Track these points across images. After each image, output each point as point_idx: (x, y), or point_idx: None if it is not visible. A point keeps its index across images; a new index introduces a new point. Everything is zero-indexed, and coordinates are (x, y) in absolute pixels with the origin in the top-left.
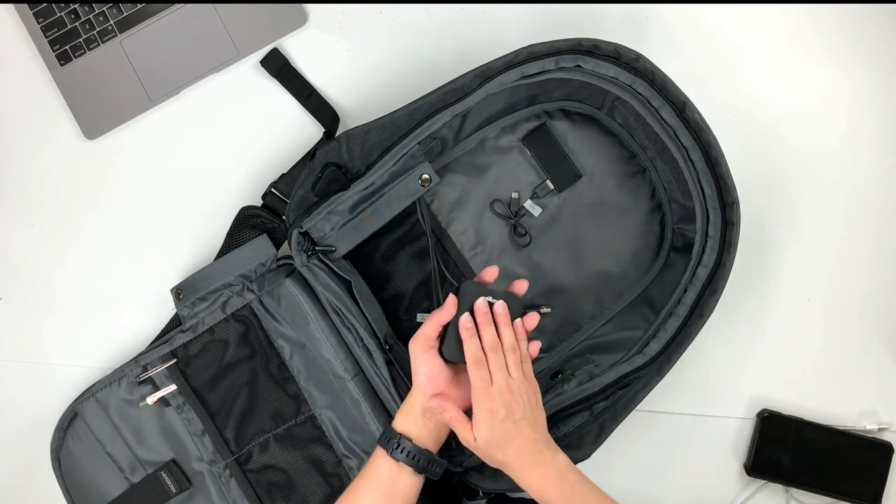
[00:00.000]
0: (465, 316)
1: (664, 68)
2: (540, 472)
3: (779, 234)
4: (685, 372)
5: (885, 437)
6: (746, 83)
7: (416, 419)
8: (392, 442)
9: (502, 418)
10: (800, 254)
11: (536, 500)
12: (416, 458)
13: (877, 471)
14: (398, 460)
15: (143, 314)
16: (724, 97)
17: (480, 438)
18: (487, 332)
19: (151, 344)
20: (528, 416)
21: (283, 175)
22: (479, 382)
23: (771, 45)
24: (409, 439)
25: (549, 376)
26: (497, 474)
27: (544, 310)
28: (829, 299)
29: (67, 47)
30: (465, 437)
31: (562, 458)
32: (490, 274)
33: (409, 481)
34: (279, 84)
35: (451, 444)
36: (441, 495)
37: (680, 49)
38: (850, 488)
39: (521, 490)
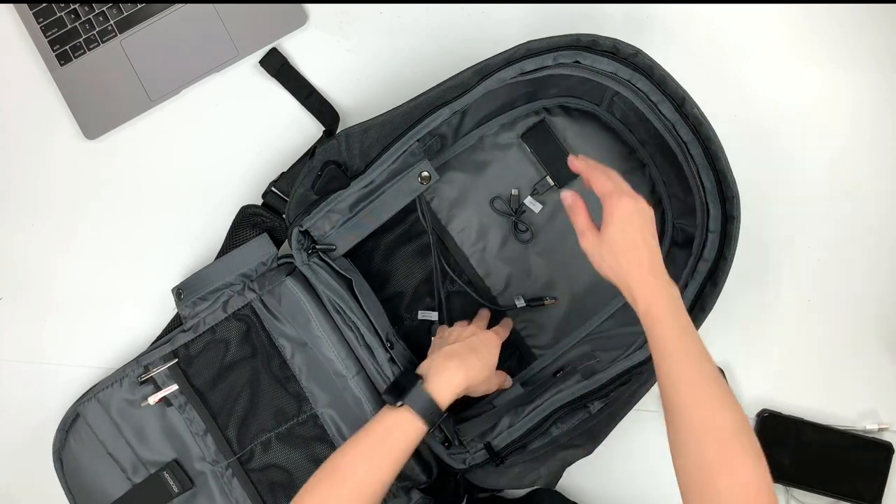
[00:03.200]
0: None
1: (665, 68)
2: (656, 287)
3: (779, 233)
4: None
5: (885, 437)
6: (746, 83)
7: (451, 395)
8: (433, 412)
9: (634, 224)
10: (800, 253)
11: (640, 315)
12: (439, 423)
13: (877, 471)
14: (427, 423)
15: (144, 314)
16: (724, 97)
17: (606, 239)
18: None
19: (153, 344)
20: (652, 234)
21: (283, 174)
22: (607, 187)
23: (771, 45)
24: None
25: (550, 373)
26: (500, 472)
27: (548, 301)
28: (829, 299)
29: (67, 47)
30: (589, 236)
31: (677, 290)
32: None
33: (421, 437)
34: (279, 84)
35: (454, 441)
36: (443, 492)
37: (680, 49)
38: (850, 488)
39: (521, 487)
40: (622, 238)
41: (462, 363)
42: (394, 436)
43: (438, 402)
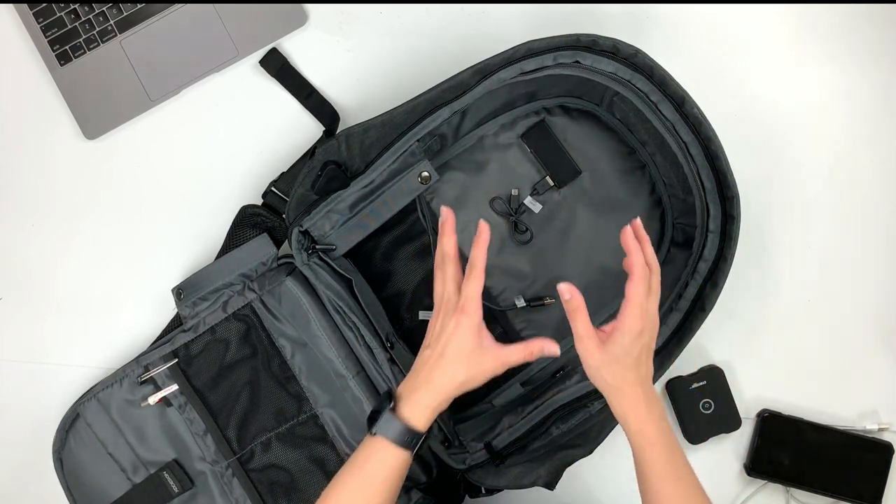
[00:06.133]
0: (628, 229)
1: (665, 68)
2: (647, 407)
3: (779, 234)
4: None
5: (885, 437)
6: (747, 83)
7: (435, 412)
8: (410, 439)
9: (643, 343)
10: (800, 254)
11: (630, 432)
12: (421, 447)
13: (877, 471)
14: (409, 450)
15: (144, 314)
16: (724, 97)
17: (611, 352)
18: (649, 249)
19: (153, 344)
20: (653, 349)
21: (283, 174)
22: (638, 298)
23: (771, 45)
24: (420, 431)
25: (550, 373)
26: (500, 472)
27: (549, 301)
28: (830, 299)
29: (67, 47)
30: (589, 344)
31: (661, 405)
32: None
33: (406, 462)
34: (279, 84)
35: (454, 442)
36: (444, 492)
37: (680, 49)
38: (850, 488)
39: (521, 487)
40: (626, 355)
41: (429, 378)
42: (370, 466)
43: (413, 424)
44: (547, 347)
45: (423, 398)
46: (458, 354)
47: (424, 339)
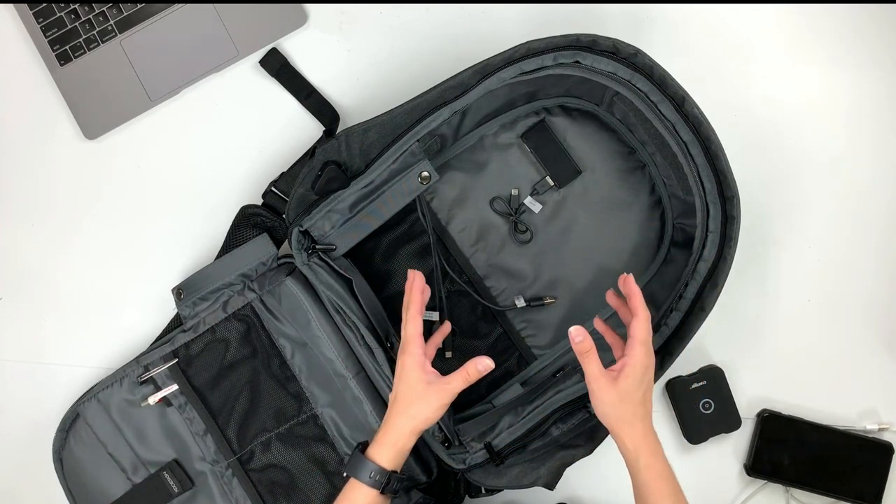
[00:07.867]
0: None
1: (665, 68)
2: (655, 441)
3: (779, 233)
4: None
5: (885, 437)
6: (748, 83)
7: (399, 452)
8: (377, 477)
9: (648, 379)
10: (800, 253)
11: (638, 466)
12: (396, 487)
13: (877, 471)
14: (384, 493)
15: (144, 314)
16: (725, 97)
17: (623, 388)
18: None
19: (153, 344)
20: (653, 388)
21: (283, 174)
22: (643, 335)
23: (771, 45)
24: (395, 471)
25: (550, 373)
26: (500, 472)
27: (548, 301)
28: (829, 299)
29: (67, 47)
30: (602, 382)
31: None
32: None
33: (377, 501)
34: (279, 84)
35: (455, 442)
36: (444, 492)
37: (681, 49)
38: (850, 488)
39: (521, 487)
40: (636, 391)
41: (388, 418)
42: None
43: (380, 463)
44: (480, 364)
45: (388, 438)
46: (409, 394)
47: None
